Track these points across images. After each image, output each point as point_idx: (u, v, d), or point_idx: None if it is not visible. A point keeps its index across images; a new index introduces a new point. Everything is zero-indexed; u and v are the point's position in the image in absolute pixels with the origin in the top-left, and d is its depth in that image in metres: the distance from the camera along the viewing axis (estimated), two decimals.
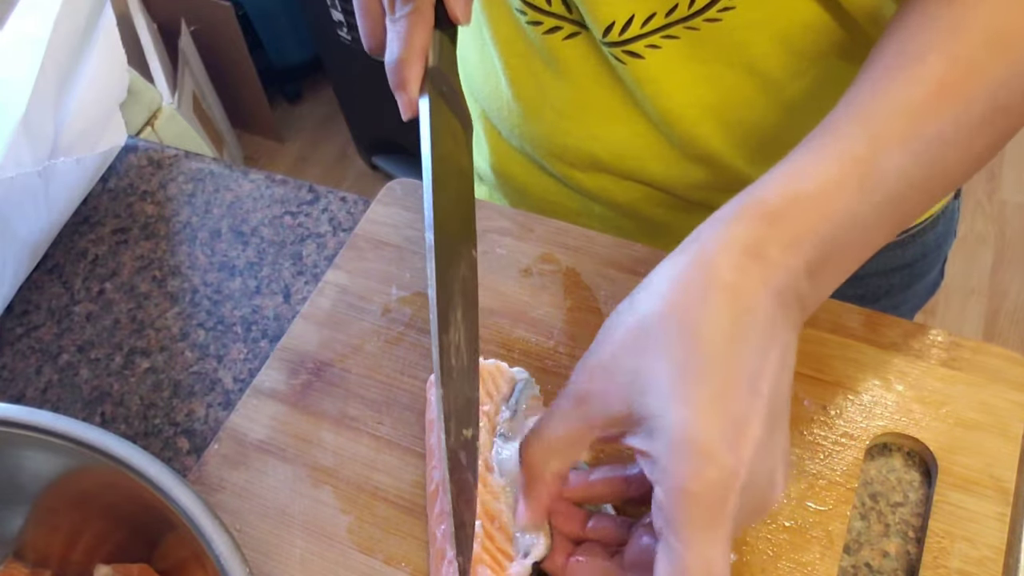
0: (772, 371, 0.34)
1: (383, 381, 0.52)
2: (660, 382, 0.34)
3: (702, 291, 0.34)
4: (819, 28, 0.50)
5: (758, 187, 0.37)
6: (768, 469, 0.33)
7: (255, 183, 0.65)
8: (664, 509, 0.33)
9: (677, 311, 0.34)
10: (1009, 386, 0.47)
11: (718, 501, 0.32)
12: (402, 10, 0.42)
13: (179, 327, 0.58)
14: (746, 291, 0.34)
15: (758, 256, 0.35)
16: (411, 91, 0.42)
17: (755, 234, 0.35)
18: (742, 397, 0.33)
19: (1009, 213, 1.81)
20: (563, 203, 0.68)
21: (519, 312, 0.53)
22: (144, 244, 0.63)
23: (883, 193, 0.37)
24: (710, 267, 0.35)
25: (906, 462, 0.47)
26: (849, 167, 0.36)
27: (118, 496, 0.41)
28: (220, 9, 1.78)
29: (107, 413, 0.55)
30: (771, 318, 0.34)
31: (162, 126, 1.51)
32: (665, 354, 0.34)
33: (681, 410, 0.33)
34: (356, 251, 0.57)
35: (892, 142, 0.37)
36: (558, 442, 0.38)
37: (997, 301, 1.69)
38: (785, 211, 0.36)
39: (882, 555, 0.44)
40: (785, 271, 0.35)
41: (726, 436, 0.32)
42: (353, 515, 0.47)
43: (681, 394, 0.33)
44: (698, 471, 0.32)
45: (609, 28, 0.50)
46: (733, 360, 0.33)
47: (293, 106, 2.21)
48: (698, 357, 0.33)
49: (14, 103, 0.57)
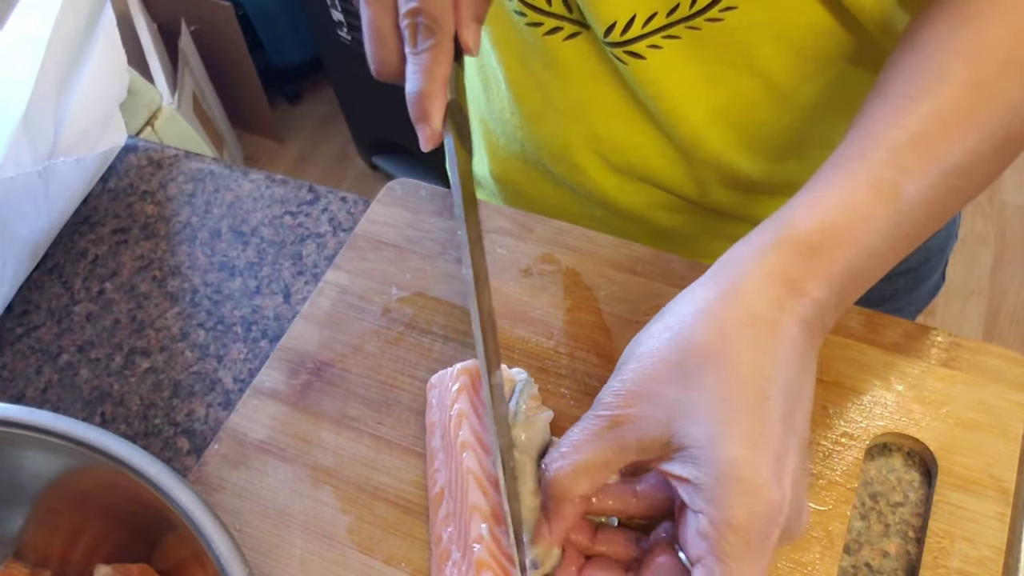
0: (805, 405, 0.35)
1: (383, 381, 0.52)
2: (704, 415, 0.34)
3: (740, 324, 0.35)
4: (825, 32, 0.50)
5: (791, 214, 0.37)
6: (800, 501, 0.34)
7: (255, 183, 0.65)
8: (710, 538, 0.34)
9: (715, 343, 0.35)
10: (1009, 386, 0.47)
11: (765, 534, 0.33)
12: (424, 43, 0.42)
13: (179, 327, 0.58)
14: (782, 326, 0.35)
15: (794, 291, 0.35)
16: (435, 124, 0.43)
17: (792, 269, 0.36)
18: (781, 432, 0.34)
19: (1009, 214, 1.81)
20: (563, 207, 0.68)
21: (519, 312, 0.53)
22: (144, 244, 0.63)
23: (908, 224, 0.38)
24: (748, 300, 0.35)
25: (906, 462, 0.47)
26: (880, 197, 0.37)
27: (118, 496, 0.41)
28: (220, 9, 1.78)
29: (107, 413, 0.55)
30: (804, 353, 0.35)
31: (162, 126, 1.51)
32: (708, 388, 0.34)
33: (730, 445, 0.33)
34: (356, 251, 0.57)
35: (915, 173, 0.37)
36: (589, 465, 0.37)
37: (997, 301, 1.69)
38: (821, 245, 0.36)
39: (882, 555, 0.44)
40: (819, 305, 0.36)
41: (773, 472, 0.33)
42: (353, 515, 0.47)
43: (727, 429, 0.34)
44: (749, 506, 0.33)
45: (610, 28, 0.50)
46: (773, 396, 0.34)
47: (293, 106, 2.21)
48: (741, 393, 0.34)
49: (14, 103, 0.57)
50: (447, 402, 0.47)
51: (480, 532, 0.42)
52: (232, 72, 1.94)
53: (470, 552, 0.42)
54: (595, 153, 0.60)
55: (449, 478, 0.45)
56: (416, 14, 0.41)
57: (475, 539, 0.42)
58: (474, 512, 0.43)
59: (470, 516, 0.43)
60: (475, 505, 0.43)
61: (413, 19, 0.41)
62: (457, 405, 0.46)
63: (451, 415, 0.46)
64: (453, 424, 0.46)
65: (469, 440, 0.45)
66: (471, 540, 0.42)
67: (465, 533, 0.43)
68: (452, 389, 0.47)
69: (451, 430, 0.46)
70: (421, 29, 0.41)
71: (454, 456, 0.45)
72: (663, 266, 0.53)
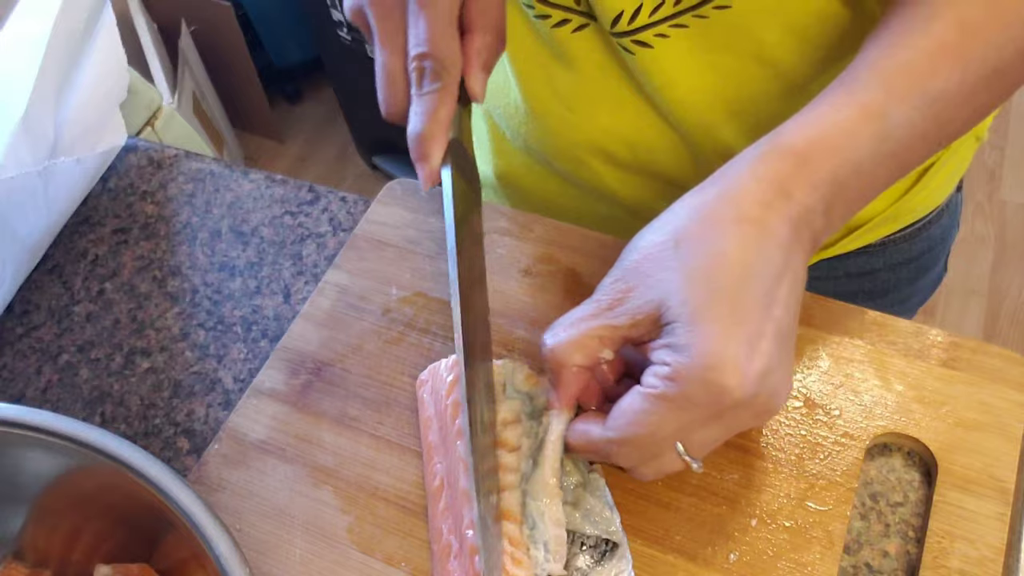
0: (784, 296, 0.38)
1: (383, 381, 0.52)
2: (689, 293, 0.38)
3: (730, 220, 0.38)
4: (831, 16, 0.50)
5: (783, 132, 0.41)
6: (773, 381, 0.37)
7: (255, 183, 0.65)
8: (657, 377, 0.38)
9: (706, 235, 0.39)
10: (1009, 386, 0.47)
11: (700, 399, 0.37)
12: (430, 86, 0.44)
13: (179, 327, 0.58)
14: (769, 224, 0.38)
15: (783, 193, 0.39)
16: (433, 165, 0.45)
17: (782, 174, 0.39)
18: (758, 318, 0.37)
19: (1009, 214, 1.81)
20: (567, 205, 0.68)
21: (519, 312, 0.53)
22: (144, 244, 0.63)
23: (893, 142, 0.41)
24: (739, 200, 0.39)
25: (906, 462, 0.47)
26: (864, 117, 0.40)
27: (118, 496, 0.41)
28: (220, 9, 1.78)
29: (107, 413, 0.55)
30: (787, 249, 0.39)
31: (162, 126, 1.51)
32: (693, 270, 0.38)
33: (707, 320, 0.37)
34: (356, 251, 0.57)
35: (901, 96, 0.41)
36: (584, 339, 0.41)
37: (997, 301, 1.69)
38: (809, 154, 0.40)
39: (882, 555, 0.44)
40: (805, 208, 0.39)
41: (743, 351, 0.36)
42: (353, 515, 0.47)
43: (707, 307, 0.37)
44: (704, 370, 0.36)
45: (618, 18, 0.50)
46: (752, 284, 0.38)
47: (293, 106, 2.21)
48: (722, 278, 0.38)
49: (14, 103, 0.57)
50: (442, 392, 0.47)
51: (472, 518, 0.42)
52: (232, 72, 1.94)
53: (464, 540, 0.42)
54: (602, 147, 0.61)
55: (447, 467, 0.45)
56: (424, 58, 0.43)
57: (467, 525, 0.42)
58: (466, 499, 0.43)
59: (462, 503, 0.43)
60: (465, 491, 0.43)
61: (420, 63, 0.44)
62: (452, 395, 0.46)
63: (447, 404, 0.46)
64: (449, 414, 0.46)
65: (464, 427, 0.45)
66: (464, 527, 0.42)
67: (460, 520, 0.43)
68: (447, 380, 0.47)
69: (447, 420, 0.46)
70: (428, 73, 0.44)
71: (450, 445, 0.45)
72: None
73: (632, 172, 0.62)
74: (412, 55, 0.44)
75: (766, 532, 0.44)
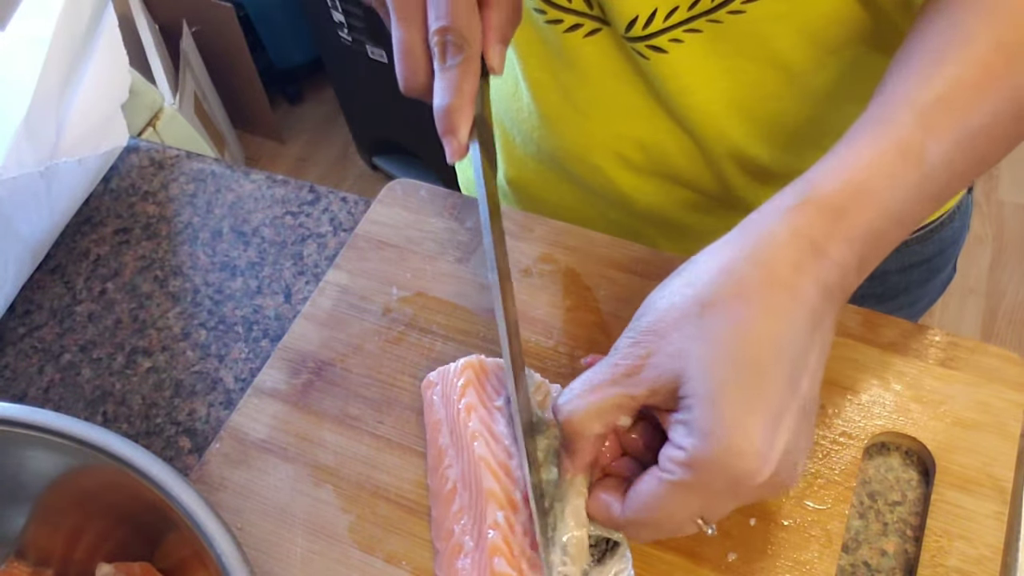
0: (812, 366, 0.36)
1: (384, 381, 0.52)
2: (711, 370, 0.36)
3: (759, 286, 0.36)
4: (844, 17, 0.50)
5: (818, 175, 0.38)
6: (793, 460, 0.36)
7: (256, 183, 0.65)
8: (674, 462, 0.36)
9: (733, 303, 0.36)
10: (1006, 385, 0.47)
11: (720, 486, 0.35)
12: (454, 59, 0.43)
13: (181, 327, 0.58)
14: (801, 289, 0.36)
15: (816, 253, 0.36)
16: (462, 138, 0.44)
17: (817, 229, 0.36)
18: (783, 397, 0.35)
19: (1007, 214, 1.81)
20: (579, 209, 0.68)
21: (519, 312, 0.53)
22: (146, 244, 0.63)
23: (931, 184, 0.38)
24: (769, 262, 0.36)
25: (904, 461, 0.47)
26: (907, 160, 0.37)
27: (120, 495, 0.41)
28: (221, 10, 1.78)
29: (109, 412, 0.55)
30: (819, 317, 0.36)
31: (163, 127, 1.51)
32: (718, 343, 0.36)
33: (728, 405, 0.35)
34: (357, 251, 0.57)
35: (941, 133, 0.38)
36: (602, 407, 0.39)
37: (995, 301, 1.69)
38: (844, 206, 0.37)
39: (880, 554, 0.44)
40: (840, 268, 0.37)
41: (763, 435, 0.34)
42: (354, 514, 0.47)
43: (729, 389, 0.35)
44: (723, 459, 0.35)
45: (632, 23, 0.50)
46: (781, 358, 0.35)
47: (294, 107, 2.21)
48: (748, 352, 0.35)
49: (17, 104, 0.57)
50: (453, 397, 0.47)
51: (496, 518, 0.42)
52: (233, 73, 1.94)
53: (484, 539, 0.42)
54: (614, 152, 0.60)
55: (462, 470, 0.45)
56: (446, 32, 0.43)
57: (491, 525, 0.42)
58: (490, 499, 0.43)
59: (486, 503, 0.43)
60: (490, 491, 0.43)
61: (443, 36, 0.43)
62: (464, 399, 0.46)
63: (459, 408, 0.46)
64: (461, 417, 0.46)
65: (479, 429, 0.45)
66: (487, 526, 0.42)
67: (480, 521, 0.43)
68: (458, 384, 0.47)
69: (460, 423, 0.46)
70: (450, 46, 0.43)
71: (466, 448, 0.45)
72: (663, 266, 0.54)
73: (645, 176, 0.62)
74: (434, 29, 0.43)
75: (765, 531, 0.44)
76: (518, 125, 0.65)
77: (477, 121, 0.45)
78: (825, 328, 0.37)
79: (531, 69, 0.60)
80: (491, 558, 0.41)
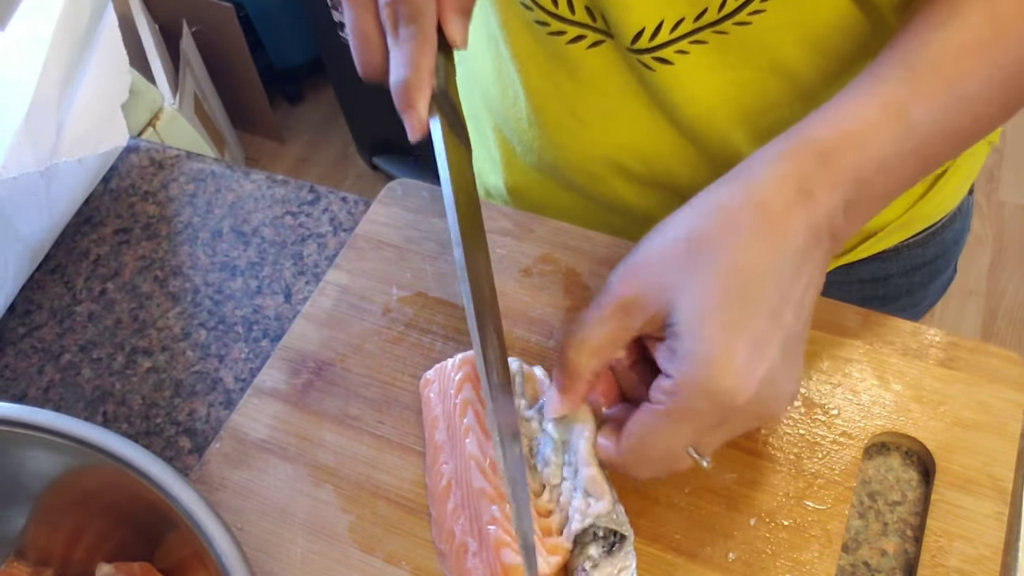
0: (796, 300, 0.38)
1: (384, 380, 0.52)
2: (699, 297, 0.37)
3: (750, 223, 0.38)
4: (847, 26, 0.50)
5: (807, 126, 0.40)
6: (777, 386, 0.37)
7: (256, 183, 0.65)
8: (663, 393, 0.38)
9: (723, 238, 0.38)
10: (1006, 386, 0.47)
11: (704, 407, 0.37)
12: (406, 30, 0.42)
13: (181, 327, 0.58)
14: (790, 228, 0.38)
15: (803, 194, 0.38)
16: (420, 112, 0.43)
17: (805, 172, 0.38)
18: (767, 325, 0.37)
19: (1007, 214, 1.81)
20: (580, 218, 0.67)
21: (519, 312, 0.53)
22: (146, 244, 0.63)
23: (916, 140, 0.40)
24: (761, 202, 0.38)
25: (904, 461, 0.47)
26: (888, 112, 0.39)
27: (120, 495, 0.41)
28: (221, 10, 1.78)
29: (109, 412, 0.55)
30: (805, 253, 0.38)
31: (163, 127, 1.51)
32: (708, 273, 0.37)
33: (711, 327, 0.37)
34: (357, 251, 0.57)
35: (928, 94, 0.40)
36: (598, 345, 0.40)
37: (995, 301, 1.69)
38: (831, 150, 0.39)
39: (880, 554, 0.44)
40: (827, 209, 0.38)
41: (746, 359, 0.36)
42: (354, 514, 0.47)
43: (714, 313, 0.37)
44: (706, 380, 0.36)
45: (639, 35, 0.50)
46: (766, 289, 0.37)
47: (294, 107, 2.21)
48: (736, 283, 0.37)
49: (17, 104, 0.57)
50: (450, 391, 0.47)
51: (492, 514, 0.42)
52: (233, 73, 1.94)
53: (486, 536, 0.42)
54: (617, 162, 0.60)
55: (456, 467, 0.45)
56: (396, 3, 0.42)
57: (488, 521, 0.42)
58: (482, 496, 0.43)
59: (478, 501, 0.43)
60: (482, 489, 0.43)
61: (393, 9, 0.42)
62: (461, 394, 0.46)
63: (455, 403, 0.46)
64: (458, 412, 0.46)
65: (471, 424, 0.45)
66: (484, 523, 0.42)
67: (477, 519, 0.43)
68: (455, 379, 0.47)
69: (456, 418, 0.46)
70: (402, 19, 0.42)
71: (459, 443, 0.45)
72: None
73: (647, 185, 0.62)
74: (382, 3, 0.42)
75: (765, 531, 0.44)
76: (518, 135, 0.64)
77: (439, 96, 0.43)
78: (812, 266, 0.38)
79: (531, 80, 0.59)
80: (497, 552, 0.41)
